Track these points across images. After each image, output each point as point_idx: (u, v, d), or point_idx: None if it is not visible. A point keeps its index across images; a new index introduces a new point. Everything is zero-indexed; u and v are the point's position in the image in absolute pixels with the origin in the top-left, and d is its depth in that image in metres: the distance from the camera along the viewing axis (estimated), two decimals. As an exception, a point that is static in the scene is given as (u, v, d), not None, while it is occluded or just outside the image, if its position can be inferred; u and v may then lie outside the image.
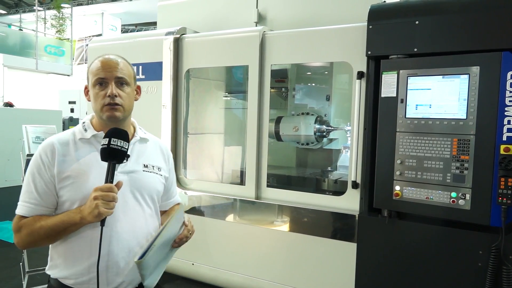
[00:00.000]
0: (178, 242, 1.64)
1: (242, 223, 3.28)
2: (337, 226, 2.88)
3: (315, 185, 3.52)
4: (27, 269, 3.74)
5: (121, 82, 1.63)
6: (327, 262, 2.90)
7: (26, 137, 3.91)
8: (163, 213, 1.91)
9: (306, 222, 3.00)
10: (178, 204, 1.95)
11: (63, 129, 7.92)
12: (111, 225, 1.56)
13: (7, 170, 6.21)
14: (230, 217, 3.34)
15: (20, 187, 4.07)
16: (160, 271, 1.64)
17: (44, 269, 4.06)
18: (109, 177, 1.49)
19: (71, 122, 8.42)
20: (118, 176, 1.58)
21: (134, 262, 1.47)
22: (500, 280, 2.26)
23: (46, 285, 4.11)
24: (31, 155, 3.84)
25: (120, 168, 1.61)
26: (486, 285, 2.29)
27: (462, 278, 2.40)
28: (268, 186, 3.23)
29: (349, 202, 2.85)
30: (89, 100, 1.67)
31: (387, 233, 2.62)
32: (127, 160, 1.61)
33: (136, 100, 1.74)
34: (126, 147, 1.53)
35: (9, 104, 6.98)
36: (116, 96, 1.59)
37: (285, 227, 3.10)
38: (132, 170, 1.67)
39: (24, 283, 3.75)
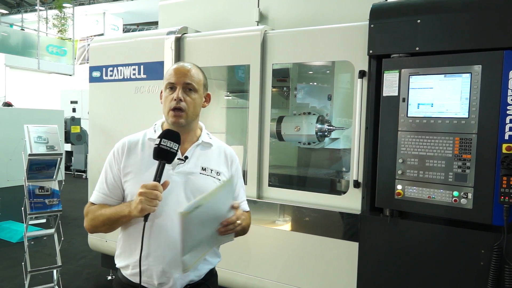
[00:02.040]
0: (225, 226, 1.61)
1: (244, 223, 3.27)
2: (339, 226, 2.88)
3: (317, 185, 3.52)
4: (29, 269, 3.75)
5: (189, 88, 1.72)
6: (328, 262, 2.90)
7: (27, 137, 3.91)
8: None
9: (307, 222, 3.00)
10: (247, 212, 1.97)
11: (65, 129, 7.95)
12: (162, 223, 1.67)
13: (9, 170, 6.23)
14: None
15: (21, 186, 4.08)
16: (200, 254, 1.63)
17: (45, 269, 4.08)
18: (157, 175, 1.59)
19: (72, 121, 8.42)
20: (174, 177, 1.69)
21: (180, 254, 1.53)
22: (502, 279, 2.26)
23: (47, 285, 4.13)
24: (33, 154, 3.85)
25: (177, 168, 1.71)
26: (488, 284, 2.29)
27: (464, 277, 2.40)
28: (269, 185, 3.23)
29: (351, 202, 2.85)
30: (162, 104, 1.78)
31: (389, 232, 2.62)
32: (184, 161, 1.73)
33: (204, 107, 1.83)
34: (176, 149, 1.62)
35: (8, 104, 6.99)
36: (181, 100, 1.68)
37: (287, 226, 3.10)
38: (189, 172, 1.73)
39: (26, 283, 3.76)
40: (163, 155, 1.60)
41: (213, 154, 1.84)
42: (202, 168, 1.76)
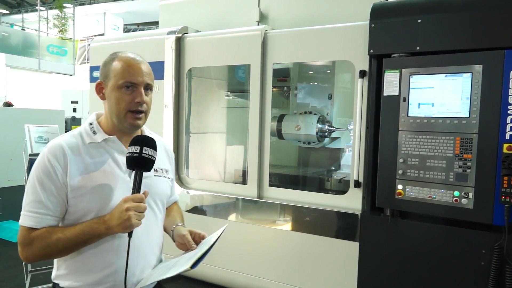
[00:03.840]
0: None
1: (244, 223, 3.27)
2: (340, 225, 2.88)
3: (317, 184, 3.52)
4: (29, 269, 3.75)
5: (147, 88, 1.55)
6: (329, 261, 2.90)
7: (28, 137, 3.91)
8: None
9: (308, 221, 3.00)
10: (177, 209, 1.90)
11: (65, 129, 7.95)
12: (133, 237, 1.48)
13: (10, 170, 6.22)
14: (232, 217, 3.34)
15: (22, 186, 4.07)
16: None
17: (46, 268, 4.07)
18: (137, 187, 1.44)
19: (73, 121, 8.43)
20: (131, 184, 1.50)
21: (153, 269, 1.54)
22: (503, 279, 2.26)
23: (48, 285, 4.11)
24: (34, 154, 3.84)
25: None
26: (489, 284, 2.28)
27: (465, 277, 2.39)
28: (270, 185, 3.22)
29: (352, 201, 2.85)
30: (102, 99, 1.56)
31: (389, 232, 2.61)
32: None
33: None
34: (155, 156, 1.49)
35: (8, 104, 7.00)
36: (143, 103, 1.52)
37: (287, 226, 3.09)
38: (146, 176, 1.53)
39: (27, 283, 3.75)
40: (142, 164, 1.45)
41: (159, 152, 1.62)
42: (155, 169, 1.60)
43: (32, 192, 1.47)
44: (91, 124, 1.57)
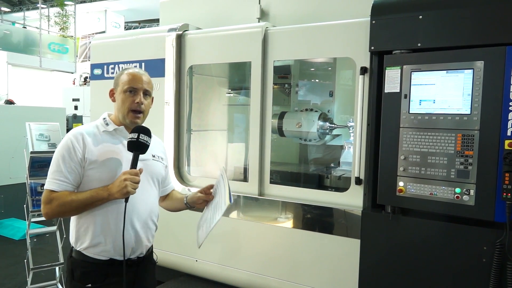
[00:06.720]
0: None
1: (246, 220, 3.28)
2: (341, 222, 2.88)
3: (318, 182, 3.51)
4: (31, 266, 3.76)
5: (145, 94, 2.06)
6: (330, 259, 2.90)
7: (29, 135, 3.92)
8: (164, 198, 2.36)
9: (309, 219, 3.00)
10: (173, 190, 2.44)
11: (67, 127, 7.97)
12: (133, 203, 1.96)
13: (12, 168, 6.25)
14: (234, 214, 3.34)
15: (24, 184, 4.08)
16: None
17: (47, 266, 4.07)
18: (134, 164, 1.90)
19: (74, 119, 8.44)
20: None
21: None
22: (505, 276, 2.25)
23: (50, 282, 4.13)
24: (35, 152, 3.85)
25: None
26: (491, 281, 2.28)
27: (466, 274, 2.39)
28: (271, 182, 3.22)
29: (353, 199, 2.84)
30: (113, 101, 2.08)
31: (390, 229, 2.61)
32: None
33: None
34: (150, 142, 1.97)
35: (10, 102, 7.02)
36: (142, 104, 2.03)
37: (289, 223, 3.10)
38: (145, 158, 2.06)
39: (29, 280, 3.77)
40: (139, 147, 1.92)
41: (155, 144, 2.16)
42: (152, 155, 2.13)
43: (56, 165, 1.92)
44: (104, 118, 2.08)
